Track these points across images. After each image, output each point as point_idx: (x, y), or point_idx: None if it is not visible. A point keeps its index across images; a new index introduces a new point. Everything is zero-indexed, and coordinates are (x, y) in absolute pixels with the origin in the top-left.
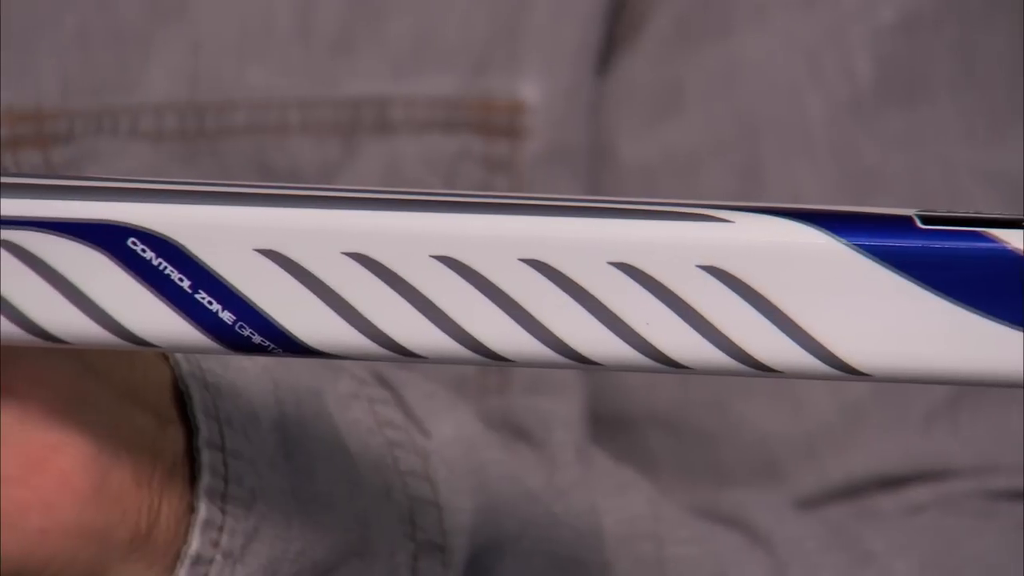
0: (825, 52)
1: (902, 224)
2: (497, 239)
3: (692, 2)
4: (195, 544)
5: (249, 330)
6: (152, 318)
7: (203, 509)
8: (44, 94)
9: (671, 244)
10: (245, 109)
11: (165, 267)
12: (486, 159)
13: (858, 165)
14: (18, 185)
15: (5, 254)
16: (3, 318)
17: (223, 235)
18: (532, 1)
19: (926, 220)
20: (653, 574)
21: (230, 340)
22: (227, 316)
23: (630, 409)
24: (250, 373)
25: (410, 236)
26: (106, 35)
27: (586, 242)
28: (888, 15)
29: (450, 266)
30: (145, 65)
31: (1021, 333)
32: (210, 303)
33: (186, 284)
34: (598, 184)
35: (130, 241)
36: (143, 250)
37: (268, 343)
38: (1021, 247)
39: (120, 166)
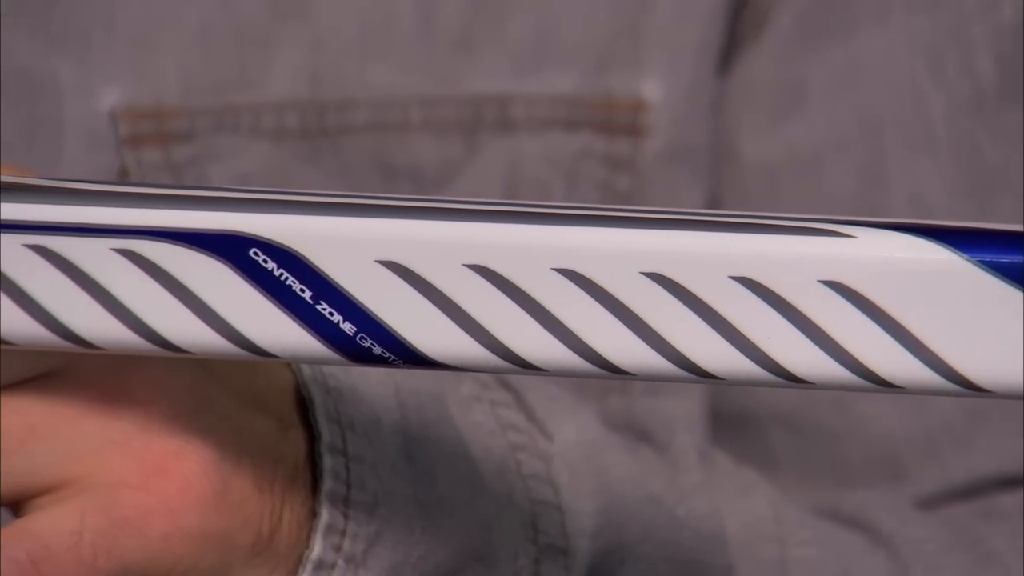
0: (947, 51)
1: None
2: (619, 252)
3: (815, 0)
4: (317, 549)
5: (370, 341)
6: (273, 329)
7: (325, 514)
8: (165, 92)
9: (793, 259)
10: (366, 107)
11: (287, 278)
12: (607, 157)
13: (980, 164)
14: (140, 195)
15: (127, 263)
16: (125, 326)
17: (345, 246)
18: None
19: None
20: None
21: (351, 351)
22: (348, 327)
23: (752, 408)
24: (372, 377)
25: (531, 249)
26: (227, 33)
27: (708, 256)
28: (1009, 13)
29: (572, 279)
30: (266, 63)
31: None
32: (331, 314)
33: (307, 295)
34: (719, 183)
35: (252, 251)
36: (265, 260)
37: (389, 354)
38: None
39: (241, 165)
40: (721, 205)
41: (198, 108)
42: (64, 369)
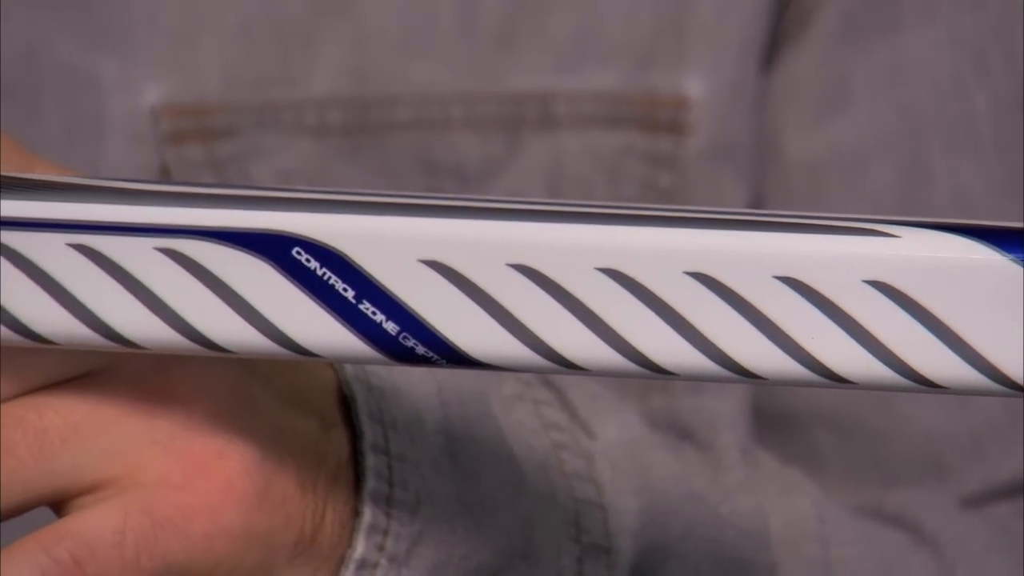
0: (991, 48)
1: None
2: (663, 252)
3: None
4: (360, 548)
5: (412, 341)
6: (315, 328)
7: (368, 513)
8: (207, 89)
9: (837, 258)
10: (408, 104)
11: (329, 277)
12: (649, 155)
13: None
14: (183, 194)
15: (170, 262)
16: (167, 325)
17: (388, 245)
18: None
19: None
20: (819, 575)
21: (393, 351)
22: (391, 327)
23: (796, 407)
24: (414, 376)
25: (574, 248)
26: (269, 29)
27: (752, 256)
28: None
29: (614, 278)
30: (308, 60)
31: None
32: (374, 313)
33: (350, 294)
34: (763, 181)
35: (295, 251)
36: (307, 260)
37: (431, 354)
38: None
39: (283, 161)
40: (765, 203)
41: (240, 105)
42: (106, 368)
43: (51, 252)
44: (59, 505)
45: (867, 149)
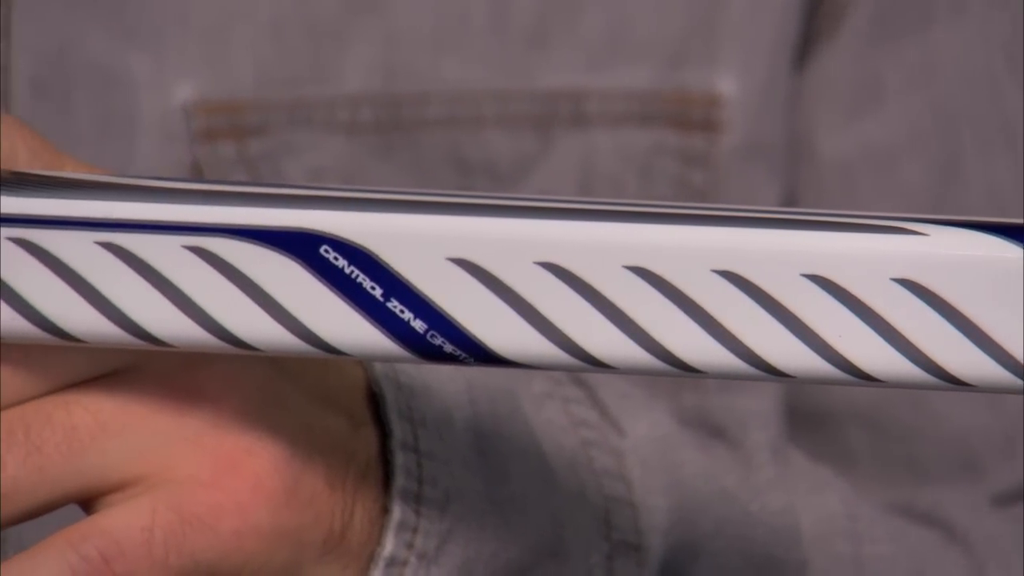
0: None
1: None
2: (691, 250)
3: None
4: (389, 546)
5: (441, 339)
6: (343, 326)
7: (397, 511)
8: (239, 86)
9: (866, 257)
10: (440, 102)
11: (357, 275)
12: (681, 153)
13: None
14: (211, 192)
15: (198, 261)
16: (196, 324)
17: (415, 243)
18: None
19: None
20: (850, 573)
21: (421, 349)
22: (419, 325)
23: (829, 405)
24: (443, 373)
25: (602, 246)
26: (301, 26)
27: (780, 254)
28: None
29: (643, 276)
30: (340, 57)
31: None
32: (402, 311)
33: (378, 292)
34: (795, 179)
35: (323, 249)
36: (336, 258)
37: (459, 352)
38: None
39: (315, 159)
40: (797, 201)
41: (272, 102)
42: (135, 366)
43: (80, 250)
44: (88, 503)
45: (899, 147)
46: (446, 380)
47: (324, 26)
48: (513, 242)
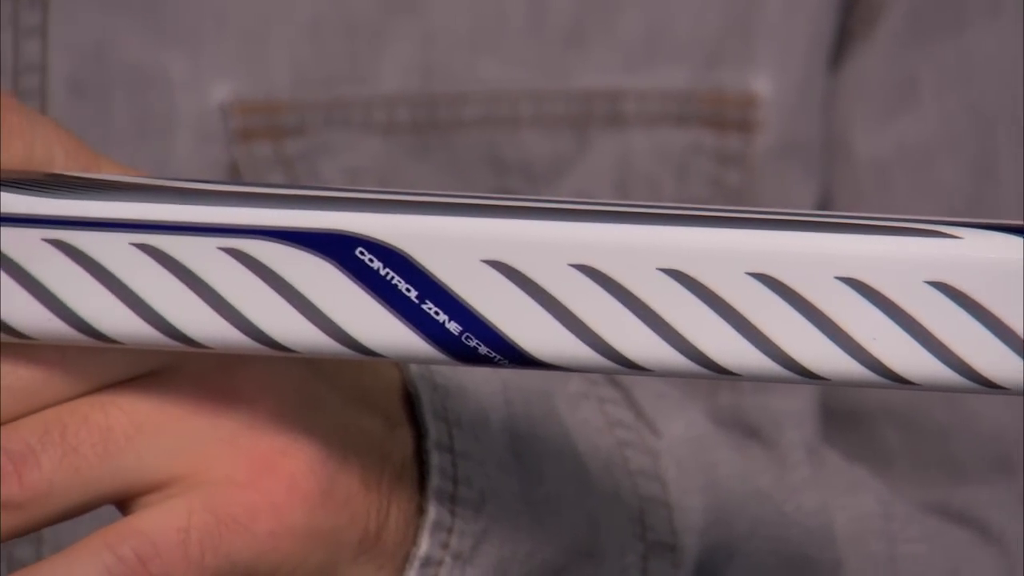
0: None
1: None
2: (725, 253)
3: None
4: (424, 546)
5: (475, 341)
6: (379, 328)
7: (432, 511)
8: (276, 86)
9: (899, 260)
10: (477, 102)
11: (392, 277)
12: (718, 153)
13: None
14: (246, 194)
15: (234, 262)
16: (231, 325)
17: (451, 246)
18: None
19: None
20: (885, 572)
21: (456, 351)
22: (453, 327)
23: (864, 405)
24: (479, 374)
25: (636, 249)
26: (338, 27)
27: (814, 257)
28: None
29: (677, 279)
30: (377, 57)
31: None
32: (436, 313)
33: (413, 294)
34: (831, 179)
35: (358, 251)
36: (371, 260)
37: (494, 354)
38: None
39: (352, 159)
40: (833, 201)
41: (309, 102)
42: (171, 367)
43: (116, 252)
44: (124, 503)
45: (935, 147)
46: (481, 381)
47: (361, 26)
48: (548, 244)
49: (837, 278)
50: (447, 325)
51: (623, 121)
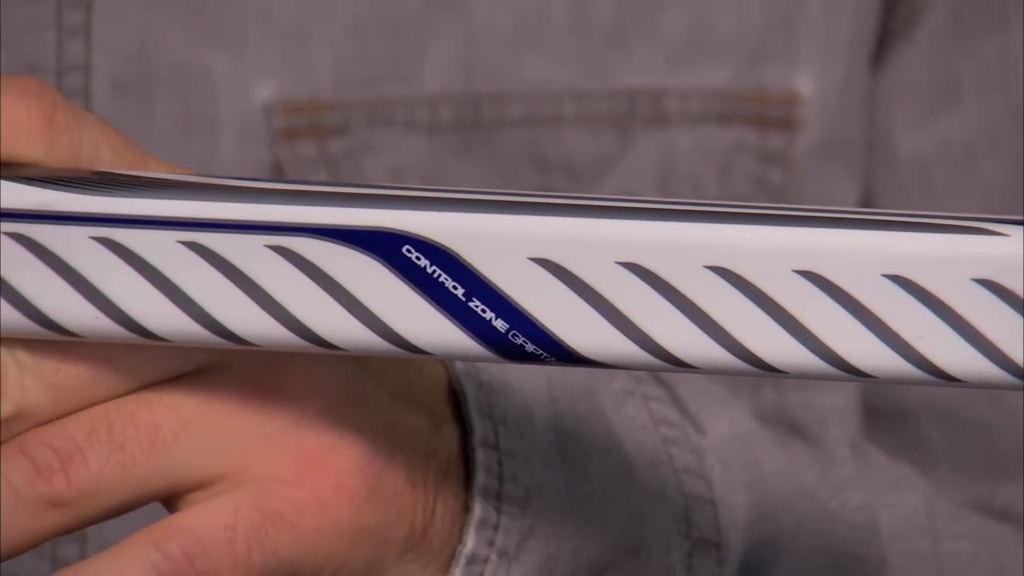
0: None
1: None
2: (771, 250)
3: None
4: (470, 543)
5: (522, 339)
6: (425, 325)
7: (478, 508)
8: (319, 86)
9: (946, 257)
10: (520, 101)
11: (439, 275)
12: (760, 151)
13: None
14: (293, 192)
15: (281, 260)
16: (278, 323)
17: (497, 243)
18: None
19: None
20: (929, 570)
21: (503, 348)
22: (500, 324)
23: (907, 402)
24: (524, 371)
25: (683, 246)
26: (381, 26)
27: (861, 254)
28: None
29: (724, 276)
30: (420, 56)
31: None
32: (483, 311)
33: (460, 292)
34: (873, 177)
35: (405, 249)
36: (418, 258)
37: (541, 352)
38: None
39: (395, 158)
40: (875, 199)
41: (352, 101)
42: (217, 364)
43: (163, 249)
44: (170, 501)
45: (977, 145)
46: (527, 378)
47: (404, 26)
48: (595, 242)
49: (884, 275)
50: (494, 323)
51: (666, 120)
